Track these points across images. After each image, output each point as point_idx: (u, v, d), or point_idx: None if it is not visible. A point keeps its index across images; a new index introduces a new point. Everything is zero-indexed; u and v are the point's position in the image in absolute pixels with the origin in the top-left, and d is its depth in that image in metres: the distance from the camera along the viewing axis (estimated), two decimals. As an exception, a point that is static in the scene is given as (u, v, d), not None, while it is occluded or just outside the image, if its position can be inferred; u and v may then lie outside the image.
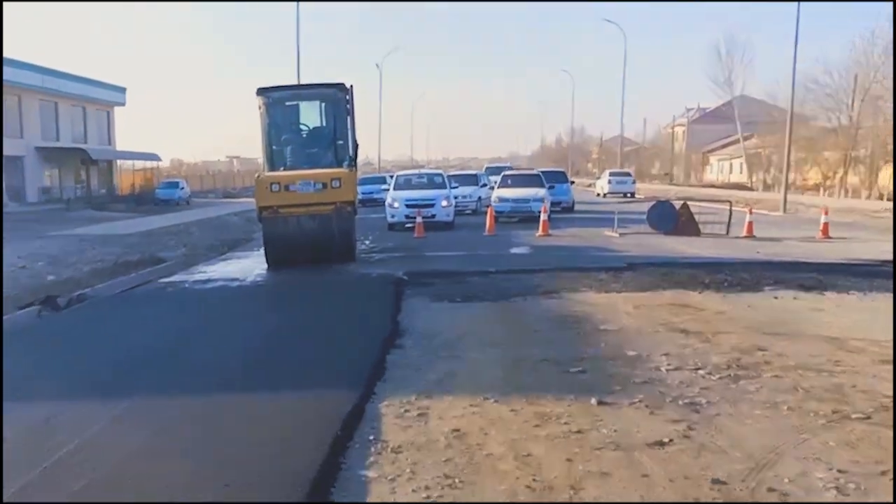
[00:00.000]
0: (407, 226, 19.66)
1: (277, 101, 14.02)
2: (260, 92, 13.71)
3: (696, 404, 5.04)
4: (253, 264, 13.72)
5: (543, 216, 18.40)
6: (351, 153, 13.63)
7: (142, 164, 52.80)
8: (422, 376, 5.88)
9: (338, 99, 13.77)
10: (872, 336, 6.94)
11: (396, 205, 20.18)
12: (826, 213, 17.91)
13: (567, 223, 21.26)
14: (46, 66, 40.82)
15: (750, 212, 18.57)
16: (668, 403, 5.07)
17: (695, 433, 4.50)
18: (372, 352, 6.62)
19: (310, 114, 14.75)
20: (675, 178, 71.96)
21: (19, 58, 37.17)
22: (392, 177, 25.89)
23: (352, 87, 13.55)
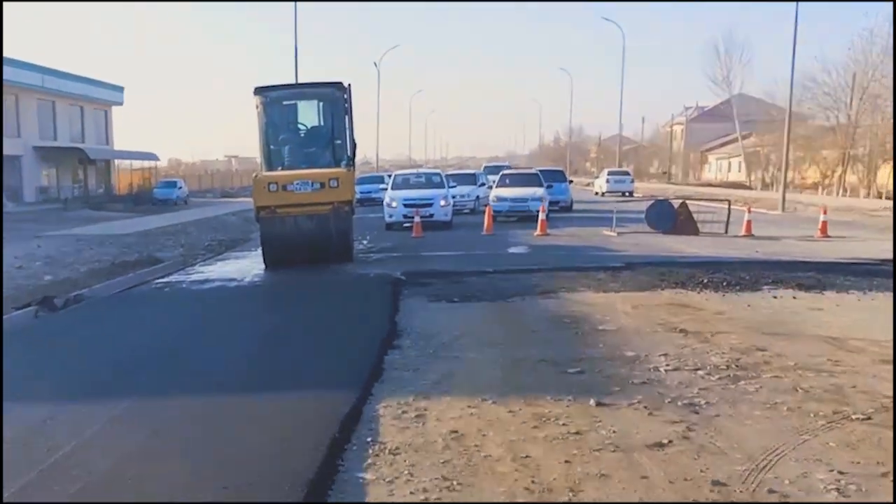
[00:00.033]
0: (405, 225, 19.63)
1: (275, 101, 13.94)
2: (257, 91, 13.61)
3: (696, 405, 5.02)
4: (251, 264, 13.69)
5: (542, 215, 18.37)
6: (349, 152, 13.58)
7: (139, 163, 52.69)
8: (420, 377, 5.86)
9: (336, 98, 13.69)
10: (872, 336, 6.93)
11: (394, 204, 20.15)
12: (825, 211, 17.92)
13: (565, 222, 21.24)
14: (44, 65, 40.79)
15: (748, 211, 18.56)
16: (667, 404, 5.05)
17: (694, 434, 4.48)
18: (370, 352, 6.59)
19: (307, 113, 14.66)
20: (673, 177, 71.98)
21: (17, 57, 37.10)
22: (390, 176, 25.86)
23: (349, 86, 13.47)
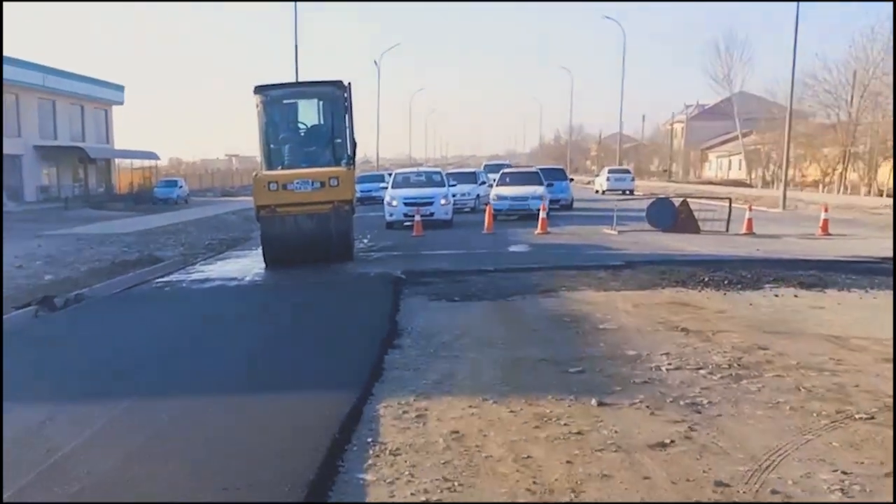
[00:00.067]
0: (405, 224, 19.61)
1: (275, 100, 13.90)
2: (257, 90, 13.57)
3: (698, 404, 5.00)
4: (251, 263, 13.68)
5: (542, 214, 18.35)
6: (349, 151, 13.54)
7: (140, 162, 52.70)
8: (420, 377, 5.84)
9: (336, 97, 13.65)
10: (874, 334, 6.90)
11: (395, 203, 20.12)
12: (826, 209, 17.87)
13: (566, 221, 21.20)
14: (45, 64, 40.77)
15: (749, 209, 18.51)
16: (669, 404, 5.02)
17: (696, 434, 4.45)
18: (370, 352, 6.57)
19: (308, 112, 14.62)
20: (673, 175, 71.92)
21: (17, 56, 37.08)
22: (390, 175, 25.83)
23: (350, 85, 13.43)
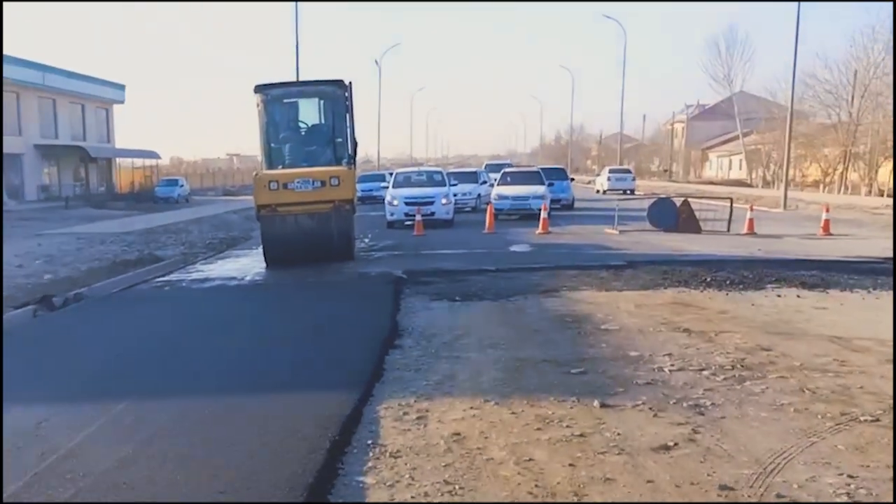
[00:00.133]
0: (406, 224, 19.58)
1: (275, 99, 13.86)
2: (258, 89, 13.52)
3: (701, 406, 4.95)
4: (251, 263, 13.64)
5: (543, 214, 18.31)
6: (350, 151, 13.51)
7: (141, 161, 52.68)
8: (421, 378, 5.79)
9: (337, 96, 13.61)
10: (878, 335, 6.85)
11: (396, 202, 20.09)
12: (827, 209, 17.83)
13: (567, 220, 21.18)
14: (45, 63, 40.75)
15: (751, 209, 18.47)
16: (672, 405, 4.97)
17: (700, 436, 4.41)
18: (370, 352, 6.52)
19: (308, 111, 14.58)
20: (674, 175, 71.86)
21: (18, 55, 37.07)
22: (391, 174, 25.79)
23: (350, 84, 13.40)
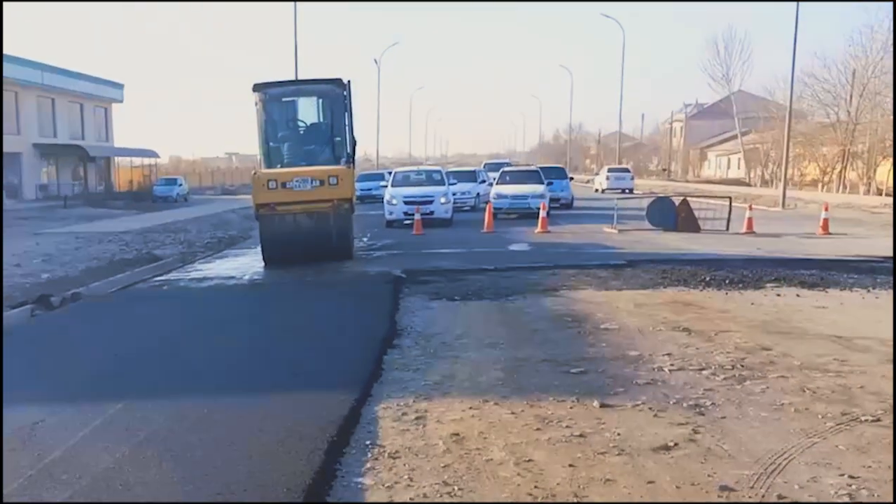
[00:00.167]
0: (405, 223, 19.56)
1: (274, 98, 13.81)
2: (256, 88, 13.46)
3: (701, 406, 4.93)
4: (250, 262, 13.61)
5: (542, 213, 18.28)
6: (349, 150, 13.46)
7: (140, 160, 52.61)
8: (420, 378, 5.77)
9: (335, 95, 13.57)
10: (878, 334, 6.83)
11: (395, 202, 20.07)
12: (826, 208, 17.82)
13: (566, 220, 21.16)
14: (44, 61, 40.68)
15: (750, 208, 18.46)
16: (672, 405, 4.95)
17: (700, 437, 4.38)
18: (369, 352, 6.50)
19: (307, 110, 14.54)
20: (672, 174, 71.86)
21: (17, 54, 37.00)
22: (390, 173, 25.76)
23: (349, 83, 13.36)
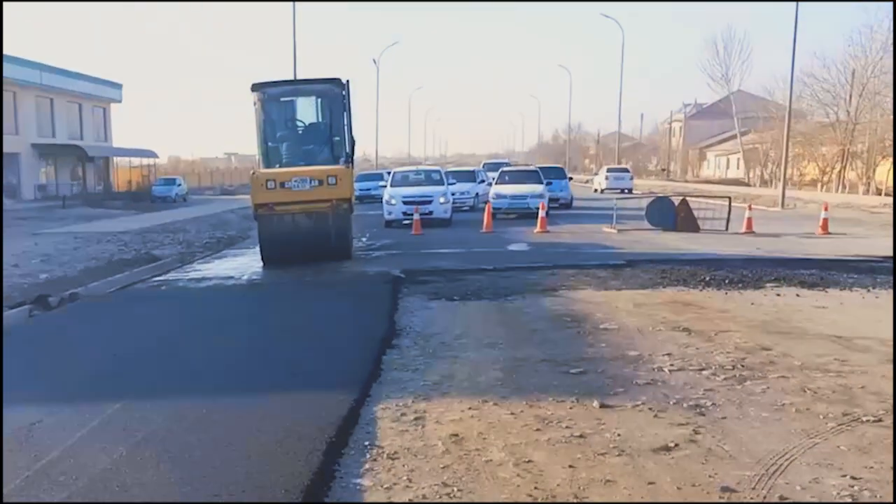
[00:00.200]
0: (404, 223, 19.54)
1: (273, 97, 13.78)
2: (255, 87, 13.43)
3: (702, 406, 4.90)
4: (249, 262, 13.58)
5: (541, 212, 18.26)
6: (347, 149, 13.43)
7: (139, 161, 52.56)
8: (419, 378, 5.74)
9: (334, 94, 13.54)
10: (878, 334, 6.81)
11: (394, 202, 20.05)
12: (826, 208, 17.80)
13: (565, 220, 21.14)
14: (43, 61, 40.62)
15: (749, 208, 18.43)
16: (673, 406, 4.93)
17: (701, 437, 4.36)
18: (368, 352, 6.47)
19: (306, 110, 14.51)
20: (671, 174, 71.86)
21: (15, 54, 36.94)
22: (389, 173, 25.73)
23: (348, 83, 13.33)
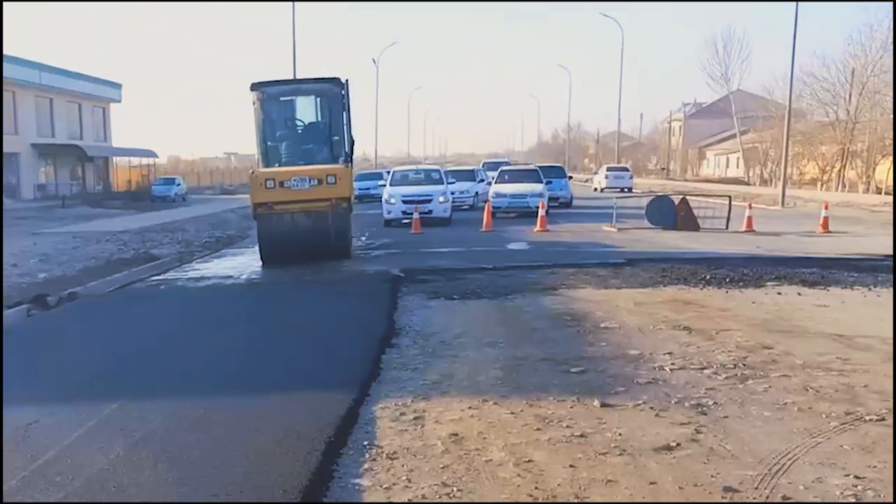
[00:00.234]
0: (404, 222, 19.52)
1: (272, 97, 13.75)
2: (254, 87, 13.39)
3: (703, 406, 4.87)
4: (248, 261, 13.54)
5: (541, 211, 18.23)
6: (347, 149, 13.41)
7: (138, 160, 52.52)
8: (418, 377, 5.71)
9: (333, 94, 13.52)
10: (880, 333, 6.78)
11: (393, 201, 20.03)
12: (826, 207, 17.77)
13: (565, 218, 21.12)
14: (42, 61, 40.58)
15: (749, 206, 18.40)
16: (674, 405, 4.90)
17: (703, 437, 4.33)
18: (367, 351, 6.44)
19: (305, 109, 14.48)
20: (671, 173, 71.85)
21: (14, 53, 36.89)
22: (389, 172, 25.71)
23: (347, 82, 13.30)
